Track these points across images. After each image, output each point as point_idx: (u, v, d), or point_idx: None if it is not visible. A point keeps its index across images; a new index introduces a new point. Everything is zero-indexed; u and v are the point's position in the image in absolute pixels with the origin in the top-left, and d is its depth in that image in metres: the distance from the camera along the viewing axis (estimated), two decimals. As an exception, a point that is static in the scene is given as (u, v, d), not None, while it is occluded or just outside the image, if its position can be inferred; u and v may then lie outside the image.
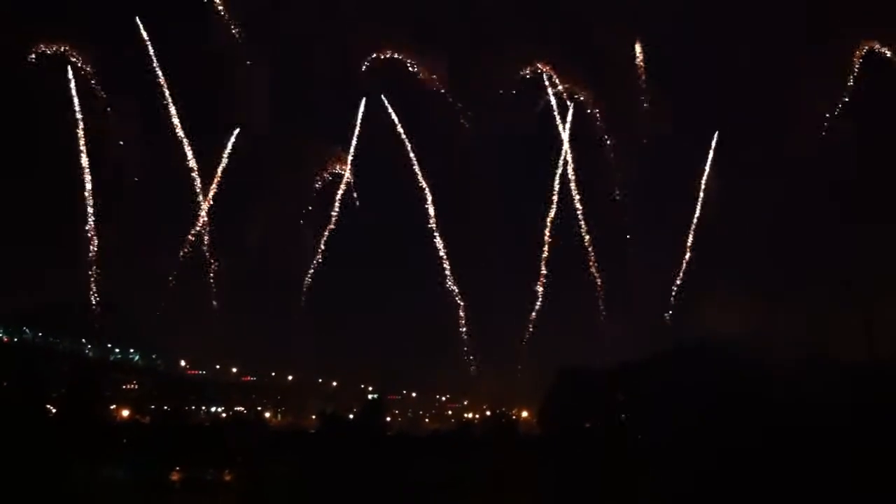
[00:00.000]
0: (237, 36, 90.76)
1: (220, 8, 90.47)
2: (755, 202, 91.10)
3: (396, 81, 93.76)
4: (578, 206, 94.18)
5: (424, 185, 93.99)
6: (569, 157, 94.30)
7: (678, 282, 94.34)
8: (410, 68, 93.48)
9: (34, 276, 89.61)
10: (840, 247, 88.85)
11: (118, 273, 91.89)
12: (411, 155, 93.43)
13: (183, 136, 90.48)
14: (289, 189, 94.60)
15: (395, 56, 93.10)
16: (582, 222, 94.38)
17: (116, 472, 69.62)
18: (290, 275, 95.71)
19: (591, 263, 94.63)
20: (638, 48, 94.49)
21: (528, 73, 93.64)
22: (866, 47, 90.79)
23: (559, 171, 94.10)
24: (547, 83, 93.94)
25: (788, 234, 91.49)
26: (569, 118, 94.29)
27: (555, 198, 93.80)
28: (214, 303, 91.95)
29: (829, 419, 67.70)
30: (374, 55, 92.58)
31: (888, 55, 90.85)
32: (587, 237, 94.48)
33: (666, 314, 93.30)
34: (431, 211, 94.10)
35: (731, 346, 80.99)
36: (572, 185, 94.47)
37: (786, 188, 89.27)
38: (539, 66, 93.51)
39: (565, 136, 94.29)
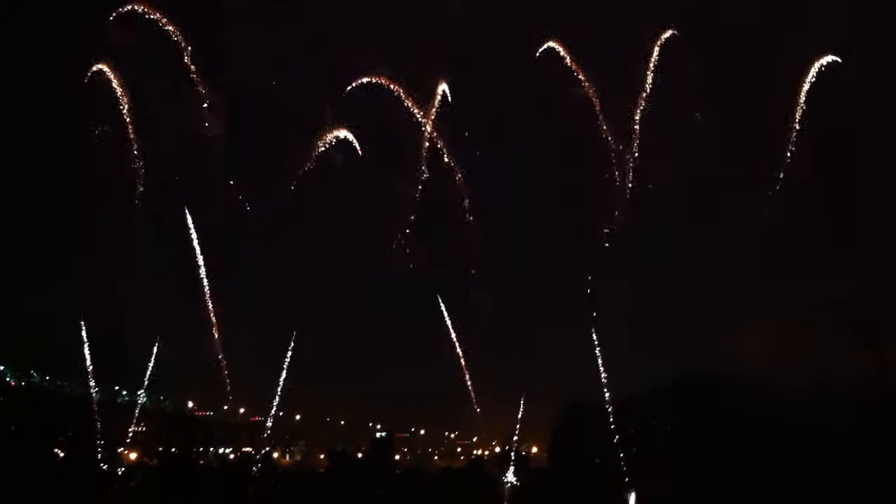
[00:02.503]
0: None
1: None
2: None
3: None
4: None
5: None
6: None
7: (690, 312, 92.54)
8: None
9: (42, 319, 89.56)
10: (843, 270, 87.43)
11: (129, 315, 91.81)
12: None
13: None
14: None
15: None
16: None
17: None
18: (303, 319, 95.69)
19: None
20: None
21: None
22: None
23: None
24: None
25: (793, 259, 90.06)
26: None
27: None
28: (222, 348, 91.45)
29: (842, 450, 67.21)
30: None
31: None
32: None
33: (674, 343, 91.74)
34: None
35: (740, 376, 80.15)
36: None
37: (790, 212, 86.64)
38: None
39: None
